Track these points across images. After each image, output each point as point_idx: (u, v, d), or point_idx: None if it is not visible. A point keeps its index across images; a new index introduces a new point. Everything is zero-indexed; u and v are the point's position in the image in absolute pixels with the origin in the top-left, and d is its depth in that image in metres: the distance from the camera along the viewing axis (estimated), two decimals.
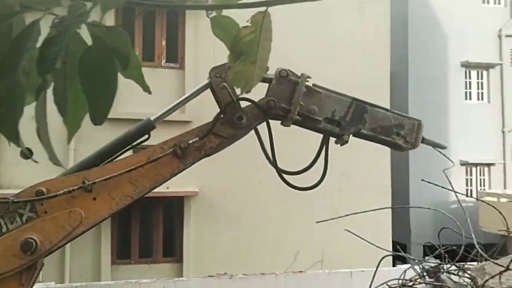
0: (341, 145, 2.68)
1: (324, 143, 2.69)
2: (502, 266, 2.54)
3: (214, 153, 2.54)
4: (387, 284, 3.07)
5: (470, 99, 18.47)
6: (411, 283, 2.94)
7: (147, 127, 2.52)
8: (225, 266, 7.26)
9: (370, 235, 3.03)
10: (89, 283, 4.87)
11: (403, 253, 3.02)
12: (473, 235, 2.80)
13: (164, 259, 10.91)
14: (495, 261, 2.63)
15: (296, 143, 7.21)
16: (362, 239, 3.15)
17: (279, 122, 2.61)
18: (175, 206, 10.82)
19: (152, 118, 2.52)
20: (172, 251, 11.02)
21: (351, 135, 2.63)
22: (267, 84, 2.56)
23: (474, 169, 18.10)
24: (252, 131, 2.59)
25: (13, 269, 2.23)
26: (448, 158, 2.95)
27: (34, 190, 2.27)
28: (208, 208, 10.12)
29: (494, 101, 18.35)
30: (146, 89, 2.97)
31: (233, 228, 10.90)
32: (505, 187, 17.38)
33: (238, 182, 10.71)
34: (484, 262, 2.70)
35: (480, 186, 18.02)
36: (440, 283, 2.74)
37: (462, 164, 17.56)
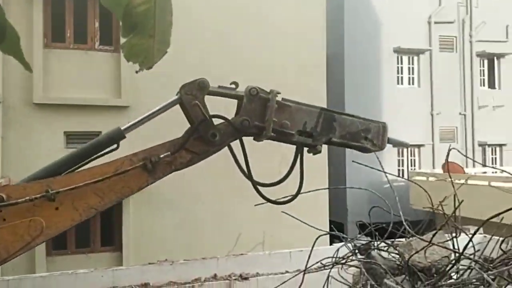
0: (314, 154, 2.78)
1: (298, 154, 2.77)
2: (426, 241, 2.72)
3: (183, 168, 2.51)
4: (321, 263, 3.19)
5: (402, 83, 19.32)
6: (343, 261, 3.08)
7: (116, 137, 2.44)
8: (165, 253, 7.20)
9: (309, 215, 3.13)
10: (23, 276, 4.65)
11: (337, 232, 3.16)
12: (401, 213, 2.97)
13: (102, 248, 10.65)
14: (421, 237, 2.81)
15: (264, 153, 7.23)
16: (299, 220, 3.24)
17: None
18: None
19: (122, 128, 2.45)
20: (110, 239, 10.77)
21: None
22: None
23: (405, 150, 19.03)
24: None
25: None
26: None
27: None
28: (147, 195, 9.94)
29: (424, 85, 19.31)
30: (27, 67, 2.76)
31: (173, 214, 10.82)
32: (433, 167, 18.45)
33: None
34: (411, 238, 2.88)
35: (411, 166, 19.01)
36: (370, 260, 2.90)
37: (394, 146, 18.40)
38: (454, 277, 2.75)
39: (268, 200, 2.78)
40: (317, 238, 3.12)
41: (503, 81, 20.62)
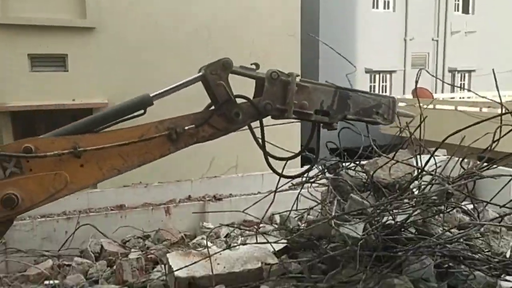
0: (329, 130, 2.98)
1: (315, 131, 2.99)
2: (390, 158, 2.86)
3: (204, 142, 2.65)
4: (291, 183, 3.32)
5: (377, 7, 19.01)
6: (312, 180, 3.21)
7: (144, 103, 2.53)
8: (139, 176, 7.29)
9: (282, 142, 3.18)
10: None
11: (307, 153, 3.26)
12: (369, 135, 3.08)
13: None
14: (386, 155, 2.94)
15: None
16: (271, 144, 3.29)
17: None
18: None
19: (151, 95, 2.54)
20: None
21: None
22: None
23: (377, 76, 19.18)
24: None
25: None
26: (352, 64, 3.13)
27: (21, 146, 2.23)
28: None
29: (399, 10, 19.07)
30: None
31: None
32: (404, 93, 18.75)
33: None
34: (377, 158, 3.00)
35: (383, 92, 19.29)
36: (338, 177, 3.03)
37: (366, 72, 18.49)
38: (416, 192, 2.91)
39: (276, 173, 3.02)
40: (288, 159, 3.20)
41: (477, 6, 20.53)
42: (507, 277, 2.47)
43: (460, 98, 16.29)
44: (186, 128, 2.54)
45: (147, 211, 4.84)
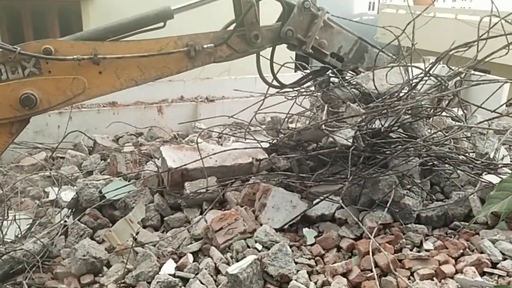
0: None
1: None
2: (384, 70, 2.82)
3: (221, 62, 2.67)
4: (287, 93, 3.30)
5: None
6: (305, 92, 3.24)
7: (164, 15, 2.52)
8: None
9: (276, 51, 3.10)
10: None
11: (301, 64, 3.25)
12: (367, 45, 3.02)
13: None
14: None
15: None
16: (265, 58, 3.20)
17: None
18: (70, 11, 9.97)
19: (172, 8, 2.53)
20: None
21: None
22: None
23: None
24: None
25: (7, 118, 2.25)
26: None
27: (41, 47, 2.24)
28: (107, 12, 9.42)
29: None
30: None
31: None
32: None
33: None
34: (369, 71, 2.92)
35: None
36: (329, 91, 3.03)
37: None
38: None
39: (266, 82, 3.11)
40: (282, 65, 3.15)
41: None
42: (488, 176, 2.58)
43: (461, 7, 15.78)
44: (205, 46, 2.54)
45: (139, 109, 4.85)
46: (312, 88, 3.37)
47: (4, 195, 3.25)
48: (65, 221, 2.90)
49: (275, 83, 3.15)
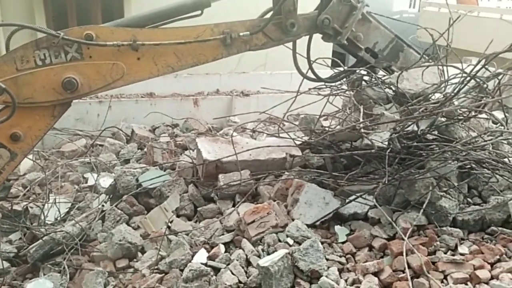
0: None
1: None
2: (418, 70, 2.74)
3: (256, 50, 2.66)
4: (319, 91, 3.26)
5: None
6: (338, 91, 3.23)
7: (202, 4, 2.55)
8: None
9: (314, 47, 3.07)
10: None
11: (336, 59, 3.21)
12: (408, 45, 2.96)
13: None
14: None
15: None
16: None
17: None
18: (114, 2, 10.20)
19: None
20: None
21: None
22: None
23: None
24: None
25: (50, 101, 2.33)
26: None
27: (83, 32, 2.31)
28: (149, 6, 9.63)
29: None
30: None
31: None
32: None
33: None
34: (402, 71, 2.83)
35: None
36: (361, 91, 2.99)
37: None
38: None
39: (301, 74, 3.03)
40: (313, 61, 3.11)
41: None
42: None
43: (506, 7, 15.21)
44: (241, 34, 2.54)
45: (176, 100, 4.94)
46: (345, 87, 3.32)
47: (46, 179, 3.38)
48: (103, 206, 2.99)
49: (310, 74, 3.12)
